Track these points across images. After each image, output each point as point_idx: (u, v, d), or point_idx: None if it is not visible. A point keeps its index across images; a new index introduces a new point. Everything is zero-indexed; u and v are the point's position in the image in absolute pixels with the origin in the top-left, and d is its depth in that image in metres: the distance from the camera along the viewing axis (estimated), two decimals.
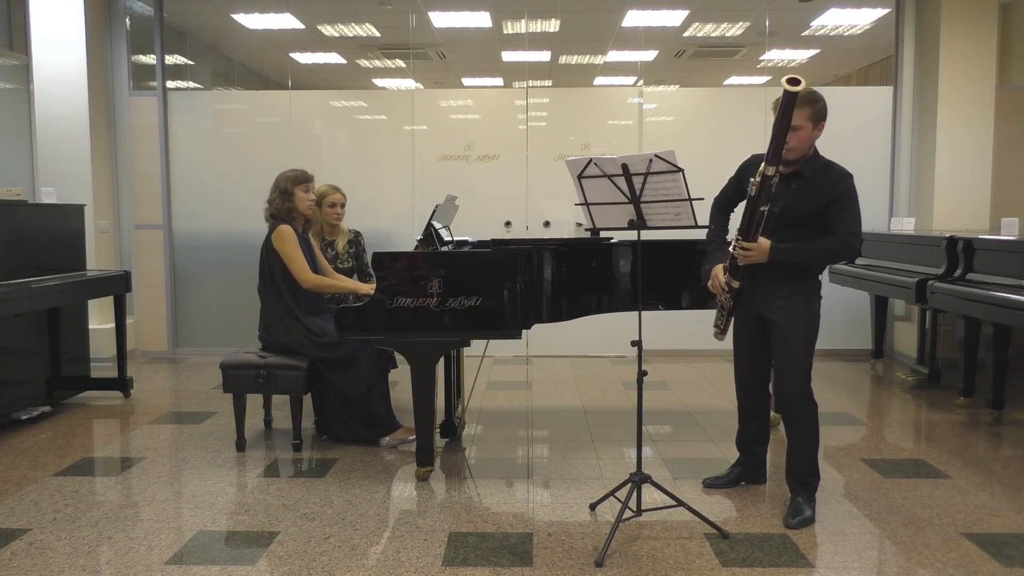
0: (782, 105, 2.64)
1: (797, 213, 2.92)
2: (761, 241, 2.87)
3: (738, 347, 3.25)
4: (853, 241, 2.91)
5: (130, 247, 6.37)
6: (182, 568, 2.61)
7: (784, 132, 2.68)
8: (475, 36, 7.26)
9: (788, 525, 2.94)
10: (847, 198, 2.90)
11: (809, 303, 3.00)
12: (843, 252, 2.94)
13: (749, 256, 2.90)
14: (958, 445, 3.94)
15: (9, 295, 3.93)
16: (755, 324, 3.11)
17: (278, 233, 3.80)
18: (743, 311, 3.14)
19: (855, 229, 2.90)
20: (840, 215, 2.89)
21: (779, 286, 2.98)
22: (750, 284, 3.02)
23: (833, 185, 2.91)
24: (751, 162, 3.10)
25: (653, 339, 4.24)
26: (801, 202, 2.92)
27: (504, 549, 2.75)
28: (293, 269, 3.78)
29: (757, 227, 2.85)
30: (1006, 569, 2.59)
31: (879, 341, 5.96)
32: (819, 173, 2.94)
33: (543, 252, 3.50)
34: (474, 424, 4.37)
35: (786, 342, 2.98)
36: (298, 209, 3.88)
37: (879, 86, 6.53)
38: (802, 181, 2.93)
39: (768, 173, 2.73)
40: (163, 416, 4.56)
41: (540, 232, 6.33)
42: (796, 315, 2.97)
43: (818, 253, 2.93)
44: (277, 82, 7.88)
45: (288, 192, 3.86)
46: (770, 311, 3.02)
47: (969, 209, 5.85)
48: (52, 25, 5.79)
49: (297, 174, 3.91)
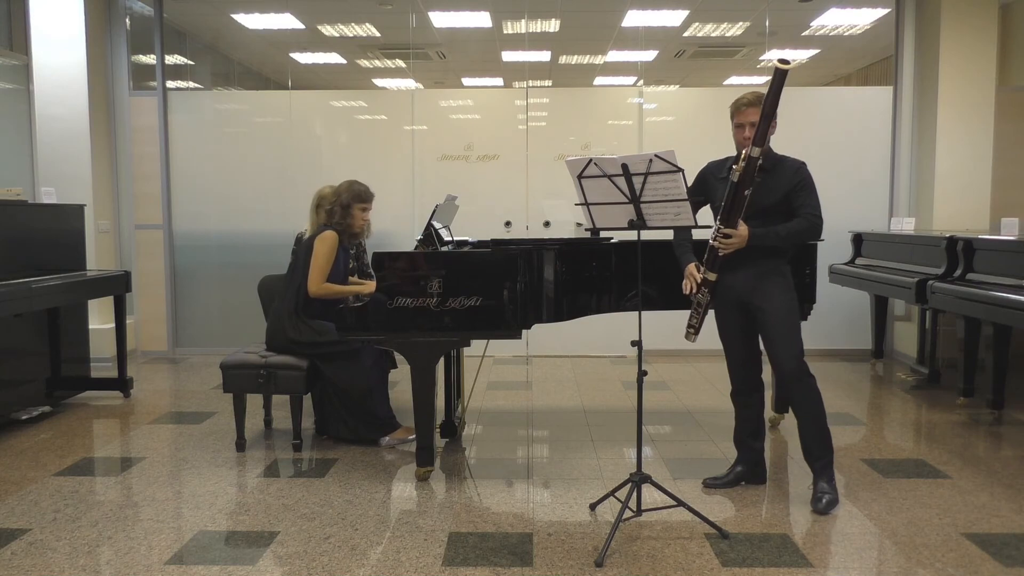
0: (773, 84, 2.87)
1: (763, 203, 3.12)
2: (741, 227, 3.05)
3: (726, 339, 3.34)
4: (817, 222, 3.14)
5: (130, 247, 6.37)
6: (182, 568, 2.61)
7: (773, 111, 2.92)
8: (475, 36, 7.26)
9: (816, 511, 3.07)
10: (806, 184, 3.15)
11: (785, 278, 3.20)
12: (811, 231, 3.15)
13: (730, 243, 3.07)
14: (958, 445, 3.94)
15: (9, 295, 3.93)
16: (739, 312, 3.23)
17: (322, 236, 3.81)
18: (724, 302, 3.26)
19: (817, 211, 3.14)
20: (804, 200, 3.13)
21: (754, 267, 3.16)
22: (727, 274, 3.17)
23: (793, 174, 3.15)
24: (708, 168, 3.36)
25: (653, 339, 4.23)
26: (767, 193, 3.13)
27: (504, 549, 2.75)
28: (312, 271, 3.78)
29: (739, 212, 3.03)
30: (1006, 569, 2.59)
31: (879, 341, 5.96)
32: (778, 165, 3.18)
33: (543, 252, 3.51)
34: (474, 424, 4.37)
35: (775, 321, 3.13)
36: (352, 227, 3.89)
37: (879, 86, 6.54)
38: (765, 175, 3.13)
39: (754, 155, 2.95)
40: (163, 416, 4.56)
41: (540, 232, 6.33)
42: (778, 293, 3.16)
43: (790, 234, 3.13)
44: (277, 82, 7.88)
45: (348, 208, 3.86)
46: (752, 295, 3.16)
47: (969, 209, 5.85)
48: (52, 25, 5.79)
49: (361, 192, 3.90)
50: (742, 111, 3.12)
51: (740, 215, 3.03)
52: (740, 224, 3.04)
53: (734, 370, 3.36)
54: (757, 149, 2.94)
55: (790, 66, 2.83)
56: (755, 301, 3.15)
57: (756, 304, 3.15)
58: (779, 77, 2.85)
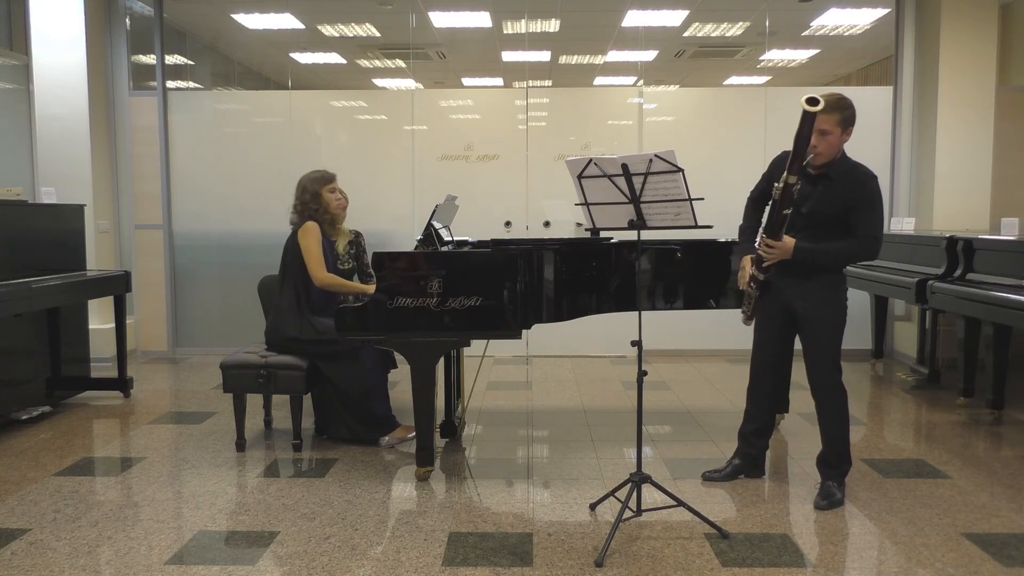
0: (800, 124, 2.76)
1: (823, 214, 3.03)
2: (786, 240, 3.01)
3: (761, 336, 3.33)
4: (874, 244, 3.02)
5: (130, 247, 6.37)
6: (182, 568, 2.61)
7: (804, 146, 2.79)
8: (475, 36, 7.26)
9: (818, 507, 3.08)
10: (871, 201, 3.00)
11: (837, 294, 3.13)
12: (863, 254, 3.06)
13: (773, 254, 3.03)
14: (958, 445, 3.94)
15: (9, 295, 3.93)
16: (782, 315, 3.20)
17: (305, 228, 3.82)
18: (771, 302, 3.21)
19: (876, 232, 3.01)
20: (863, 218, 2.99)
21: (807, 279, 3.09)
22: (780, 278, 3.13)
23: (858, 187, 3.00)
24: (779, 158, 3.19)
25: (653, 339, 4.24)
26: (827, 204, 3.03)
27: (504, 549, 2.75)
28: (309, 263, 3.78)
29: (780, 228, 2.98)
30: (1006, 569, 2.59)
31: (879, 341, 5.96)
32: (845, 175, 3.03)
33: (543, 252, 3.51)
34: (474, 424, 4.37)
35: (816, 333, 3.11)
36: (328, 210, 3.90)
37: (879, 86, 6.53)
38: (829, 183, 3.03)
39: (790, 182, 2.85)
40: (163, 416, 4.56)
41: (540, 232, 6.33)
42: (825, 306, 3.11)
43: (839, 254, 3.05)
44: (277, 82, 7.88)
45: (317, 194, 3.87)
46: (799, 303, 3.12)
47: (969, 209, 5.85)
48: (52, 25, 5.79)
49: (319, 175, 3.92)
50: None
51: (782, 231, 2.98)
52: (785, 237, 3.00)
53: (758, 367, 3.36)
54: (793, 177, 2.85)
55: (818, 108, 2.71)
56: (801, 309, 3.12)
57: (801, 312, 3.12)
58: (806, 119, 2.72)
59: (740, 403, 3.49)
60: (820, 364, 3.13)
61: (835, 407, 3.16)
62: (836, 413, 3.16)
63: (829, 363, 3.12)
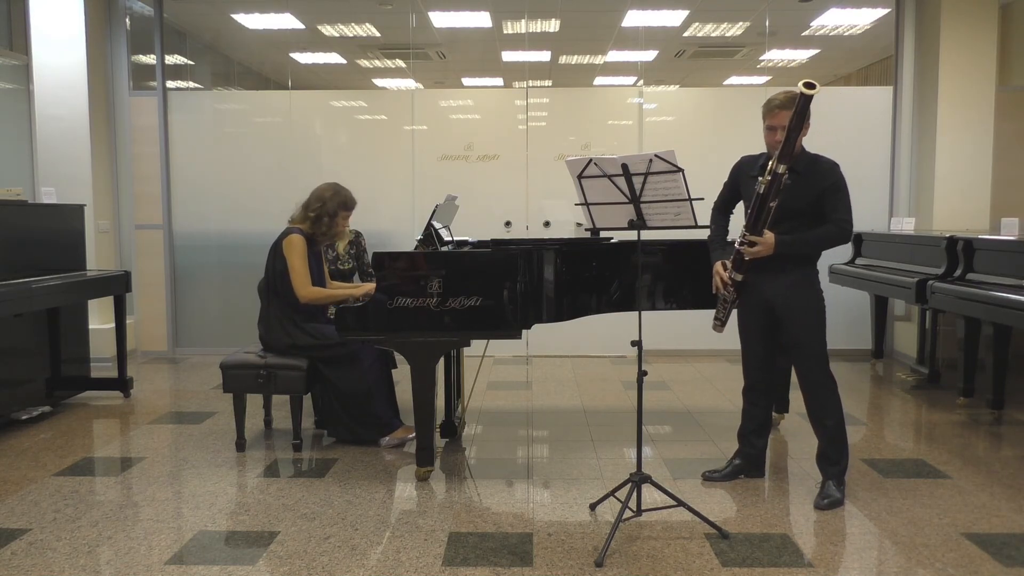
0: (798, 107, 2.86)
1: (794, 206, 3.09)
2: (767, 235, 3.04)
3: (746, 338, 3.35)
4: (848, 227, 3.12)
5: (130, 247, 6.37)
6: (182, 568, 2.61)
7: (797, 133, 2.90)
8: (475, 36, 7.26)
9: (818, 506, 3.09)
10: (838, 187, 3.11)
11: (814, 286, 3.19)
12: (839, 237, 3.12)
13: (756, 251, 3.07)
14: (958, 445, 3.94)
15: (9, 295, 3.93)
16: (764, 314, 3.24)
17: (288, 241, 3.80)
18: (750, 302, 3.26)
19: (847, 216, 3.12)
20: (834, 204, 3.10)
21: (784, 275, 3.14)
22: (755, 275, 3.16)
23: (826, 176, 3.11)
24: (742, 163, 3.32)
25: (653, 339, 4.24)
26: (796, 197, 3.09)
27: (504, 549, 2.75)
28: (294, 281, 3.76)
29: (764, 222, 3.02)
30: (1006, 569, 2.59)
31: (879, 341, 5.96)
32: (810, 167, 3.12)
33: (543, 252, 3.51)
34: (474, 424, 4.37)
35: (801, 329, 3.14)
36: (334, 231, 3.93)
37: (879, 86, 6.54)
38: (796, 176, 3.08)
39: (779, 171, 2.93)
40: (163, 416, 4.56)
41: (540, 232, 6.33)
42: (805, 301, 3.15)
43: (819, 241, 3.13)
44: (277, 82, 7.88)
45: (335, 217, 3.88)
46: (779, 301, 3.16)
47: (969, 209, 5.85)
48: (52, 25, 5.79)
49: (343, 199, 3.91)
50: (774, 113, 3.06)
51: (766, 225, 3.03)
52: (766, 232, 3.04)
53: (750, 368, 3.38)
54: (783, 166, 2.92)
55: (815, 91, 2.80)
56: (782, 309, 3.16)
57: (783, 312, 3.16)
58: (805, 102, 2.84)
59: (739, 403, 3.49)
60: (807, 356, 3.16)
61: (827, 398, 3.17)
62: (828, 404, 3.17)
63: (815, 354, 3.15)
